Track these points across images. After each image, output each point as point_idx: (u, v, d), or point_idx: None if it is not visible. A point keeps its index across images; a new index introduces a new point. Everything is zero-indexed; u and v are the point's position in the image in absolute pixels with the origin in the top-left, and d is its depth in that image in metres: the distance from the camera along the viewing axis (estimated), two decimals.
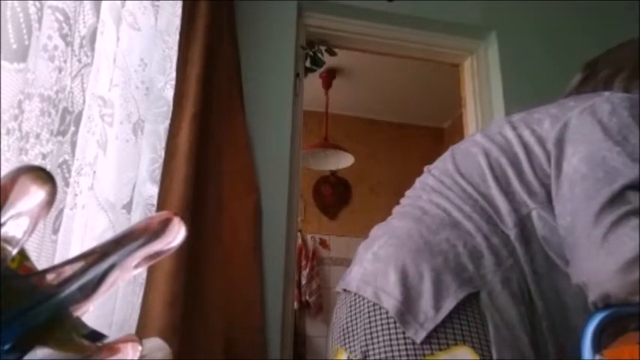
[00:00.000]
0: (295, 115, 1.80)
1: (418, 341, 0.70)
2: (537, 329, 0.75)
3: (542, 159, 0.81)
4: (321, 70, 2.60)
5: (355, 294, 0.80)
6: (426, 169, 0.97)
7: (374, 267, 0.80)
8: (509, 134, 0.87)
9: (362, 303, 0.78)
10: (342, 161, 3.63)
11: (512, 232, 0.78)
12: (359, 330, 0.77)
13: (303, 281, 3.63)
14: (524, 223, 0.79)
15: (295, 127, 1.79)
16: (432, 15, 2.02)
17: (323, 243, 3.86)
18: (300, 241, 3.54)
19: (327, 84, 3.62)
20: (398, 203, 0.97)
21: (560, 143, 0.80)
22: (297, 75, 1.86)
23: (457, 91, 2.20)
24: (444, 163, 0.92)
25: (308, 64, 2.09)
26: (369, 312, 0.76)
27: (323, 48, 2.13)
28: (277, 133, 1.72)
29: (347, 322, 0.80)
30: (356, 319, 0.78)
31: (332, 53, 2.17)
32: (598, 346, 0.66)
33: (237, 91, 1.63)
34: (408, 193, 0.97)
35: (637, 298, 0.67)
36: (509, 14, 2.10)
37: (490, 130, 0.93)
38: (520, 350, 0.72)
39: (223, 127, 1.49)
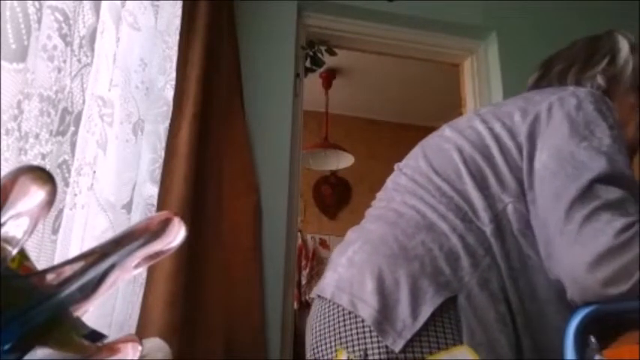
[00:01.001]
0: (295, 115, 1.80)
1: (397, 350, 0.69)
2: (515, 328, 0.74)
3: (514, 152, 0.81)
4: (321, 70, 2.60)
5: (330, 301, 0.78)
6: (396, 167, 0.96)
7: (349, 273, 0.78)
8: (480, 127, 0.86)
9: (336, 311, 0.76)
10: (342, 161, 3.63)
11: (488, 229, 0.77)
12: (333, 338, 0.75)
13: (303, 281, 3.63)
14: (499, 219, 0.78)
15: (295, 127, 1.78)
16: (432, 15, 2.02)
17: (323, 243, 3.86)
18: (300, 241, 3.54)
19: (327, 84, 3.62)
20: (370, 206, 0.96)
21: (531, 137, 0.81)
22: (297, 75, 1.86)
23: (457, 91, 2.20)
24: (415, 161, 0.90)
25: (308, 64, 2.08)
26: (344, 320, 0.75)
27: (323, 48, 2.13)
28: (277, 133, 1.72)
29: (320, 330, 0.78)
30: (329, 326, 0.77)
31: (332, 53, 2.17)
32: (582, 345, 0.66)
33: (237, 91, 1.63)
34: (380, 194, 0.95)
35: (613, 290, 0.67)
36: (509, 14, 2.10)
37: (458, 124, 0.92)
38: (497, 352, 0.71)
39: (223, 127, 1.49)
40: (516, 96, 0.94)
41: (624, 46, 0.97)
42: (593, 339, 0.67)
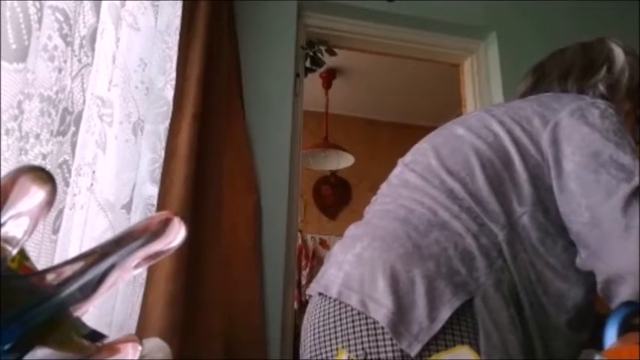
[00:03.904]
0: (295, 115, 1.80)
1: (412, 354, 0.67)
2: (526, 330, 0.74)
3: (535, 159, 0.81)
4: (321, 70, 2.60)
5: (336, 300, 0.75)
6: (400, 162, 0.94)
7: (358, 271, 0.75)
8: (497, 129, 0.85)
9: (344, 311, 0.74)
10: (342, 161, 3.63)
11: (500, 233, 0.76)
12: (340, 339, 0.73)
13: (303, 281, 3.63)
14: (514, 227, 0.77)
15: (295, 127, 1.78)
16: (432, 15, 2.02)
17: (323, 243, 3.86)
18: (300, 241, 3.54)
19: (327, 84, 3.62)
20: (370, 202, 0.94)
21: (555, 143, 0.80)
22: (297, 75, 1.86)
23: (457, 91, 2.20)
24: (424, 158, 0.88)
25: (308, 64, 2.08)
26: (353, 321, 0.72)
27: (323, 48, 2.13)
28: (277, 133, 1.72)
29: (324, 330, 0.76)
30: (335, 327, 0.74)
31: (332, 53, 2.17)
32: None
33: (237, 91, 1.63)
34: (383, 190, 0.93)
35: None
36: (509, 14, 2.10)
37: (471, 123, 0.90)
38: (510, 354, 0.70)
39: (223, 127, 1.49)
40: (527, 98, 0.94)
41: (619, 54, 0.98)
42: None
